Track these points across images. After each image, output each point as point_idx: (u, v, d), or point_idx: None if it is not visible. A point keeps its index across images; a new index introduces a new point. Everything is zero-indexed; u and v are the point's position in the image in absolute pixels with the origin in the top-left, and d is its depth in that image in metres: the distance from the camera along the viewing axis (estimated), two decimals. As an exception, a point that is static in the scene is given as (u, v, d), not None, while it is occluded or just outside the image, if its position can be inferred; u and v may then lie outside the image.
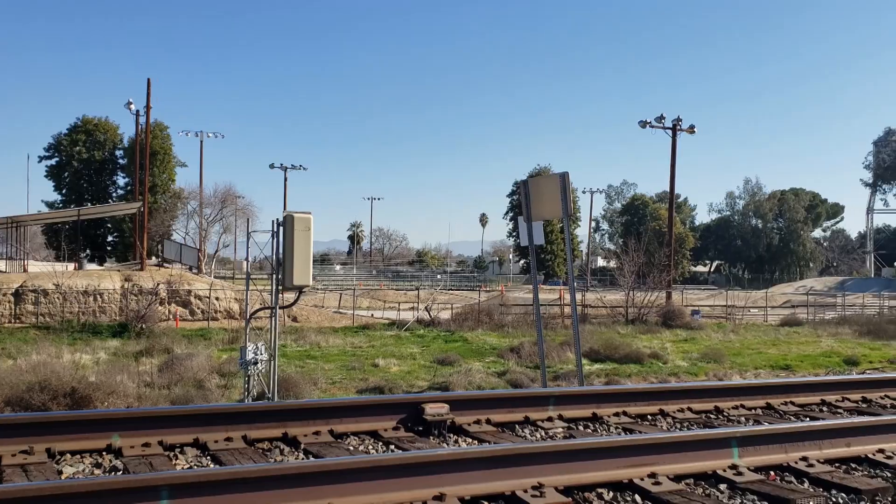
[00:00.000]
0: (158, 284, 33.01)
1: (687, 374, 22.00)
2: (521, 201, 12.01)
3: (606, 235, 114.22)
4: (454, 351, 24.98)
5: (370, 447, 5.33)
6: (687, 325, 36.23)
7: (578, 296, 43.51)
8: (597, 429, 6.08)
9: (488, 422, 5.96)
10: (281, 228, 11.12)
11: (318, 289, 52.16)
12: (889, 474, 4.88)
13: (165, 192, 66.16)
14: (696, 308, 44.45)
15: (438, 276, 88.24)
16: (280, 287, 11.29)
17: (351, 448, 5.24)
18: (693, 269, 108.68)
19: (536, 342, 12.27)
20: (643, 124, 43.83)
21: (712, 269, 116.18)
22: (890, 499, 4.38)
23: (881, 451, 5.21)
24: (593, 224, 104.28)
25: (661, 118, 44.00)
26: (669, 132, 44.17)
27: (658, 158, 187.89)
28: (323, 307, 42.08)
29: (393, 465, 4.07)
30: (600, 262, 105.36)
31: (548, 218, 12.20)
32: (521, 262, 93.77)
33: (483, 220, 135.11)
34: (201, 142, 65.84)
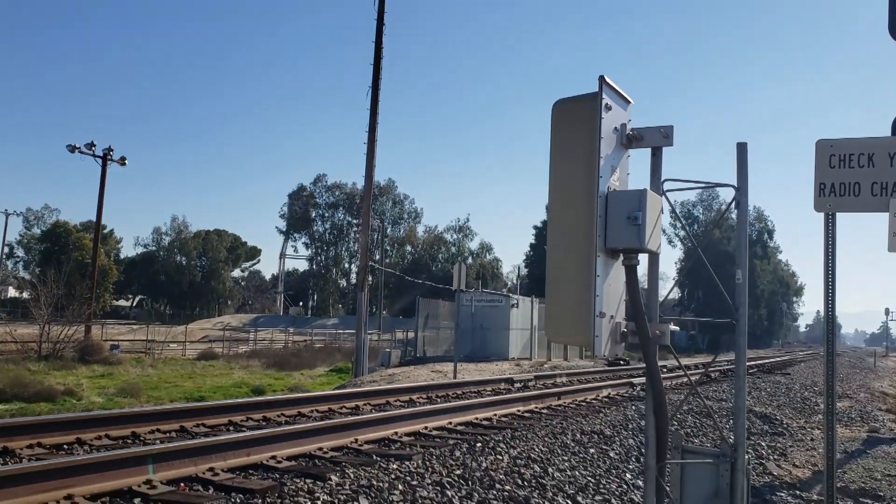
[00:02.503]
0: None
1: (102, 410, 21.48)
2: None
3: (21, 263, 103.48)
4: None
5: None
6: (106, 360, 35.08)
7: (-19, 329, 38.50)
8: (7, 462, 5.85)
9: None
10: None
11: None
12: (278, 475, 5.88)
13: None
14: (116, 343, 43.46)
15: None
16: None
17: None
18: (115, 302, 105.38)
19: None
20: (72, 149, 41.53)
21: (135, 304, 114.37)
22: (277, 494, 5.31)
23: (274, 457, 6.23)
24: (6, 250, 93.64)
25: (91, 145, 42.32)
26: (100, 161, 42.76)
27: (85, 186, 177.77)
28: None
29: None
30: (12, 293, 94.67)
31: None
32: None
33: None
34: None
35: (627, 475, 7.92)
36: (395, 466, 6.48)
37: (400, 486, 5.90)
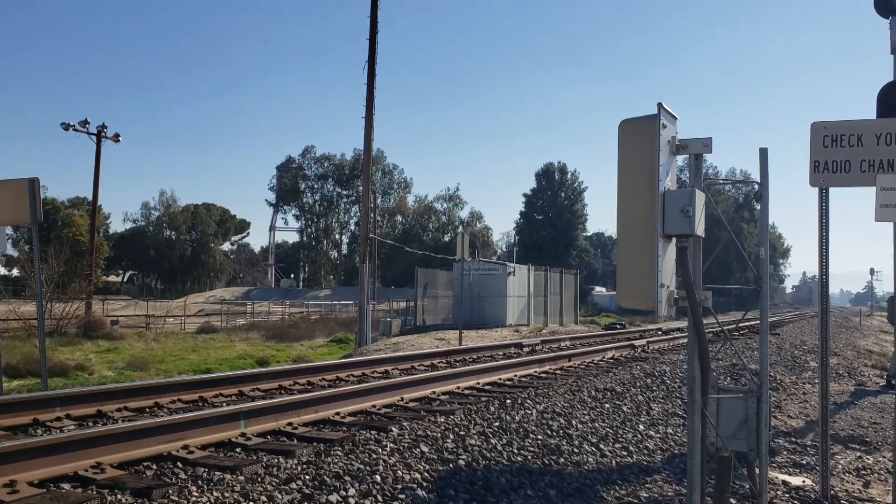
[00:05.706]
0: None
1: (116, 384, 22.22)
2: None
3: (10, 241, 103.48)
4: None
5: None
6: (109, 336, 35.88)
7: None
8: (106, 423, 6.64)
9: (-3, 427, 6.03)
10: None
11: None
12: (345, 428, 6.71)
13: None
14: (116, 318, 44.21)
15: None
16: None
17: None
18: (105, 278, 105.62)
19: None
20: (66, 126, 41.80)
21: (125, 279, 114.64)
22: (352, 443, 6.14)
23: (337, 413, 7.07)
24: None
25: (85, 122, 42.59)
26: (94, 138, 43.08)
27: (69, 161, 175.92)
28: None
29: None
30: (1, 270, 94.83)
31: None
32: None
33: None
34: None
35: (640, 426, 8.82)
36: (442, 420, 7.32)
37: (451, 436, 6.74)
